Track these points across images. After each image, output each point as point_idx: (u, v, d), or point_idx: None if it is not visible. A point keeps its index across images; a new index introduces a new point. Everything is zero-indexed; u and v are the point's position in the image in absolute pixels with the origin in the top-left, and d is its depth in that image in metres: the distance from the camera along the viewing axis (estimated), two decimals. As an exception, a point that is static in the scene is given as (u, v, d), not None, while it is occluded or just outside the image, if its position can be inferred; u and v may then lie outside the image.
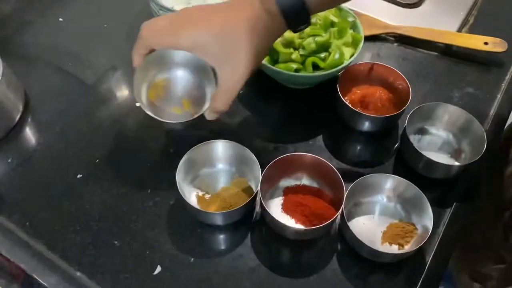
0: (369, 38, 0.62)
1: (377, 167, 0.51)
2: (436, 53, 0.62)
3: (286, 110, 0.57)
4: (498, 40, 0.60)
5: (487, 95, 0.57)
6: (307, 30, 0.53)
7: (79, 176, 0.49)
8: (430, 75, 0.59)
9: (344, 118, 0.53)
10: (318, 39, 0.52)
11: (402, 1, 0.66)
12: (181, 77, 0.50)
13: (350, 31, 0.55)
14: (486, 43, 0.60)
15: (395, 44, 0.63)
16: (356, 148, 0.54)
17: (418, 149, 0.47)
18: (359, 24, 0.55)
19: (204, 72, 0.49)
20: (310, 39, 0.52)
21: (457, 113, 0.50)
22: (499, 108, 0.56)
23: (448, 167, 0.47)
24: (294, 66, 0.52)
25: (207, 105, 0.48)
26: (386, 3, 0.66)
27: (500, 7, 0.66)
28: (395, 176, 0.46)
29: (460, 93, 0.57)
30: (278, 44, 0.53)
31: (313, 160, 0.46)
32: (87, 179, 0.49)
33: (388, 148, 0.53)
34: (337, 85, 0.51)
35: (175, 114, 0.49)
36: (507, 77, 0.59)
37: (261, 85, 0.57)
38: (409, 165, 0.50)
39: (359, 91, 0.55)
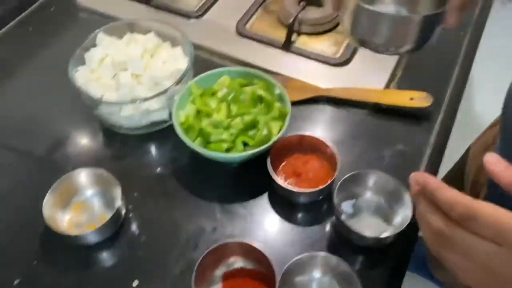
0: (300, 102, 0.64)
1: (314, 242, 0.52)
2: (366, 112, 0.64)
3: (223, 187, 0.57)
4: (423, 94, 0.62)
5: (417, 150, 0.59)
6: (236, 108, 0.55)
7: None
8: (362, 136, 0.61)
9: (278, 193, 0.54)
10: (245, 118, 0.54)
11: (331, 61, 0.68)
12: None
13: (278, 104, 0.56)
14: (412, 99, 0.62)
15: (327, 105, 0.64)
16: (291, 224, 0.54)
17: (349, 225, 0.48)
18: (285, 97, 0.57)
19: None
20: (238, 120, 0.54)
21: (385, 179, 0.52)
22: (429, 163, 0.58)
23: (378, 239, 0.49)
24: (225, 145, 0.53)
25: None
26: (316, 63, 0.69)
27: (424, 61, 0.68)
28: (326, 253, 0.47)
29: (391, 152, 0.59)
30: (208, 125, 0.54)
31: (243, 246, 0.47)
32: None
33: (322, 218, 0.54)
34: (268, 161, 0.53)
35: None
36: (435, 131, 0.61)
37: (198, 164, 0.58)
38: (343, 236, 0.51)
39: (292, 161, 0.56)
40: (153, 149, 0.62)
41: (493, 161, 0.35)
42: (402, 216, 0.50)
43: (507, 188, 0.34)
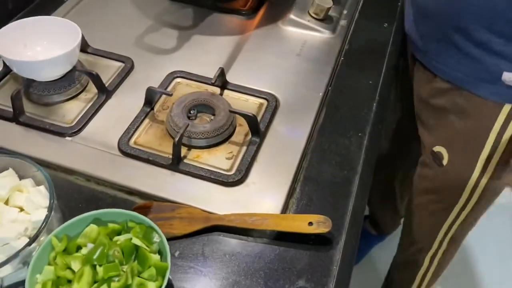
0: (192, 234, 0.57)
1: None
2: (264, 242, 0.57)
3: None
4: (322, 218, 0.57)
5: (320, 286, 0.54)
6: (102, 271, 0.46)
7: None
8: (259, 271, 0.55)
9: None
10: (113, 285, 0.45)
11: (224, 179, 0.62)
12: None
13: (156, 257, 0.48)
14: (310, 223, 0.57)
15: (220, 236, 0.58)
16: None
17: None
18: (165, 245, 0.49)
19: None
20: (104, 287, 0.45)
21: None
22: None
23: None
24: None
25: None
26: (208, 183, 0.62)
27: (321, 177, 0.64)
28: None
29: (291, 290, 0.53)
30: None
31: None
32: None
33: None
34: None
35: None
36: (337, 259, 0.56)
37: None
38: None
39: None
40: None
41: None
42: None
43: None
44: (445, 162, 0.84)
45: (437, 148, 0.85)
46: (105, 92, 0.71)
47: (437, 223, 0.95)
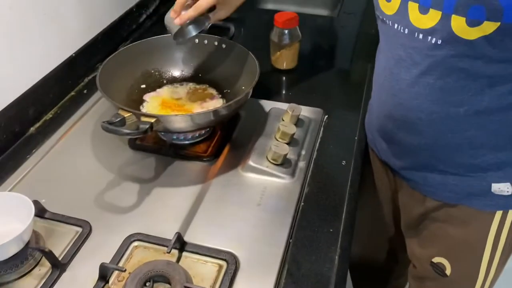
0: None
1: None
2: None
3: None
4: None
5: None
6: None
7: None
8: None
9: None
10: None
11: None
12: None
13: None
14: None
15: None
16: None
17: None
18: None
19: None
20: None
21: None
22: None
23: None
24: None
25: None
26: None
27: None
28: None
29: None
30: None
31: None
32: None
33: None
34: None
35: None
36: None
37: None
38: None
39: None
40: None
41: None
42: None
43: None
44: (448, 272, 0.86)
45: (437, 259, 0.87)
46: (59, 267, 0.69)
47: None
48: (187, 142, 0.93)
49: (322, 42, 1.34)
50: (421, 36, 0.68)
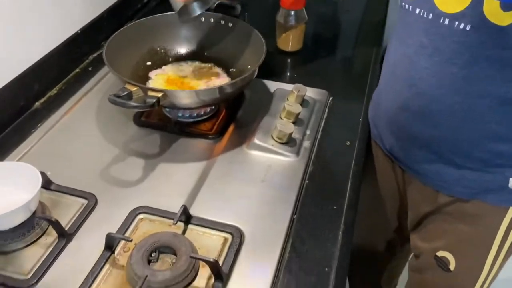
0: None
1: None
2: None
3: None
4: None
5: None
6: None
7: None
8: None
9: None
10: None
11: None
12: None
13: None
14: None
15: None
16: None
17: None
18: None
19: None
20: None
21: None
22: None
23: None
24: None
25: None
26: None
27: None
28: None
29: None
30: None
31: None
32: None
33: None
34: None
35: None
36: None
37: None
38: None
39: None
40: None
41: None
42: None
43: None
44: (452, 267, 0.84)
45: (442, 253, 0.85)
46: (65, 237, 0.70)
47: None
48: (192, 120, 0.93)
49: (327, 25, 1.33)
50: (447, 21, 0.64)
